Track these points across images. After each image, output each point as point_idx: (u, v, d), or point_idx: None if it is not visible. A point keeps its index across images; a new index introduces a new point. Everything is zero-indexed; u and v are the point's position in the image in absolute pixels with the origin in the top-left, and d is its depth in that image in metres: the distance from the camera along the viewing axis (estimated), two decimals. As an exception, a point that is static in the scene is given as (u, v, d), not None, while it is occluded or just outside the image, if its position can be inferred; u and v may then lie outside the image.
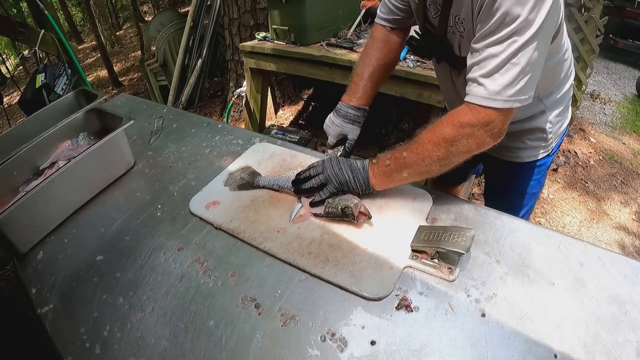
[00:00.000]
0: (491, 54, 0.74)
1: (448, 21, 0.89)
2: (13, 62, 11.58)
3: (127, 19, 13.89)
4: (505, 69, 0.73)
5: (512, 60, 0.72)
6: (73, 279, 0.90)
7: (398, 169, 0.86)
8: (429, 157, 0.82)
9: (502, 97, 0.74)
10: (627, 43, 5.78)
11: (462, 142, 0.79)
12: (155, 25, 4.38)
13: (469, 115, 0.78)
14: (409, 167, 0.85)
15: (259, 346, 0.70)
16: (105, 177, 1.17)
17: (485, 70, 0.75)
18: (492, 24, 0.72)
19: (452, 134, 0.79)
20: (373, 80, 1.09)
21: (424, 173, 0.86)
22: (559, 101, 1.04)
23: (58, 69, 2.51)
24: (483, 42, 0.75)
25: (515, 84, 0.74)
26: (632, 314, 0.67)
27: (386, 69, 1.12)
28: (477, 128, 0.77)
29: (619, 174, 3.04)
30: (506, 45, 0.72)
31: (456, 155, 0.80)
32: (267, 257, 0.87)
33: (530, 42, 0.71)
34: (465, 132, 0.78)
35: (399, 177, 0.88)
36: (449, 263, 0.78)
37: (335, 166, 0.93)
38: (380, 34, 1.13)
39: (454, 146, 0.79)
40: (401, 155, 0.85)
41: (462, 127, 0.78)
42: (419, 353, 0.66)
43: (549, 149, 1.12)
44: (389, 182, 0.91)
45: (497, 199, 1.28)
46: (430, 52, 1.03)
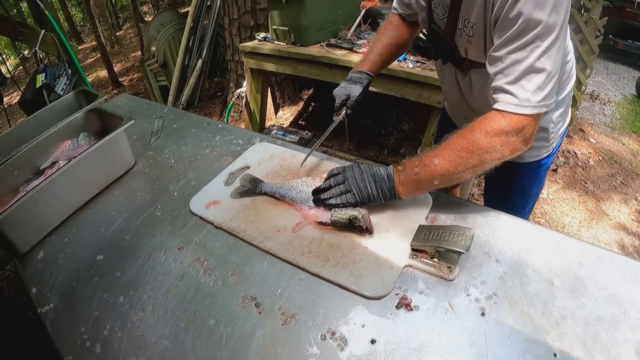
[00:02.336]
0: (515, 60, 0.74)
1: (457, 24, 0.90)
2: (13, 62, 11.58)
3: (127, 19, 13.91)
4: (531, 75, 0.74)
5: (537, 65, 0.73)
6: (73, 279, 0.90)
7: (428, 177, 0.82)
8: (463, 165, 0.79)
9: (532, 103, 0.75)
10: (626, 44, 5.78)
11: (497, 149, 0.77)
12: (155, 26, 4.39)
13: (502, 123, 0.77)
14: (440, 175, 0.81)
15: (259, 345, 0.70)
16: (106, 177, 1.17)
17: (512, 78, 0.75)
18: (514, 30, 0.73)
19: (487, 142, 0.77)
20: (381, 54, 1.17)
21: (455, 180, 0.83)
22: (561, 102, 1.04)
23: (58, 69, 2.51)
24: (505, 49, 0.75)
25: (543, 89, 0.74)
26: (631, 313, 0.68)
27: (396, 48, 1.19)
28: (511, 135, 0.77)
29: (618, 174, 3.05)
30: (529, 51, 0.72)
31: (489, 162, 0.79)
32: (267, 256, 0.87)
33: (552, 46, 0.72)
34: (500, 140, 0.77)
35: (429, 185, 0.84)
36: (449, 262, 0.78)
37: (357, 177, 0.88)
38: (394, 19, 1.20)
39: (489, 154, 0.77)
40: (432, 163, 0.81)
41: (497, 134, 0.76)
42: (419, 352, 0.66)
43: (550, 149, 1.12)
44: (417, 190, 0.87)
45: (497, 199, 1.28)
46: (437, 53, 1.04)
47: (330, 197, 0.90)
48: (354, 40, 2.44)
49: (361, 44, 2.36)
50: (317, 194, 0.93)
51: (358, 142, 3.17)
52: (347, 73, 2.22)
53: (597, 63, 5.49)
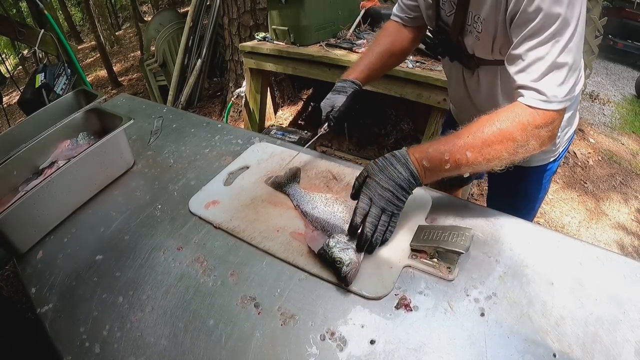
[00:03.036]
0: (537, 58, 0.74)
1: (465, 19, 0.89)
2: (12, 61, 11.58)
3: (126, 19, 13.90)
4: (554, 71, 0.74)
5: (559, 60, 0.73)
6: (73, 279, 0.90)
7: (459, 169, 0.80)
8: (497, 158, 0.78)
9: (559, 98, 0.75)
10: (626, 44, 5.80)
11: (530, 143, 0.77)
12: (154, 26, 4.38)
13: (535, 117, 0.76)
14: (471, 167, 0.79)
15: (258, 345, 0.70)
16: (105, 177, 1.17)
17: (536, 75, 0.75)
18: (533, 26, 0.73)
19: (523, 136, 0.76)
20: (371, 62, 1.13)
21: (484, 170, 0.83)
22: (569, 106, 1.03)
23: (57, 68, 2.51)
24: (525, 46, 0.75)
25: (566, 83, 0.75)
26: (630, 313, 0.68)
27: (390, 55, 1.16)
28: (542, 129, 0.77)
29: (617, 174, 3.05)
30: (550, 46, 0.72)
31: (520, 155, 0.78)
32: (266, 257, 0.87)
33: (572, 39, 0.72)
34: (533, 134, 0.77)
35: (455, 174, 0.82)
36: (448, 262, 0.78)
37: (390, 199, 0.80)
38: (391, 26, 1.18)
39: (523, 147, 0.77)
40: (464, 157, 0.78)
41: (532, 128, 0.76)
42: (418, 352, 0.66)
43: (556, 154, 1.11)
44: (437, 179, 0.84)
45: (501, 202, 1.23)
46: (444, 50, 1.04)
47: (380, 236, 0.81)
48: (354, 40, 2.44)
49: (360, 43, 2.36)
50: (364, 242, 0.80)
51: (358, 142, 3.17)
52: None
53: (597, 63, 5.48)
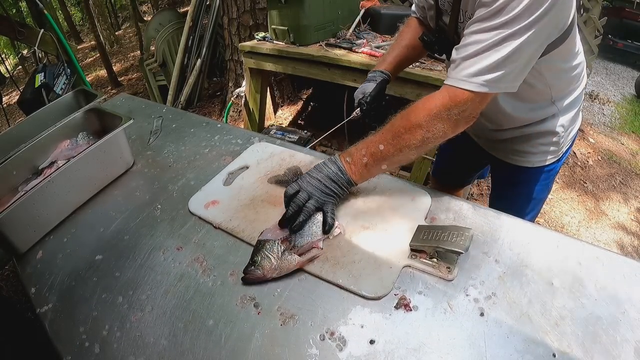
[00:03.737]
0: (476, 40, 0.75)
1: (459, 17, 0.90)
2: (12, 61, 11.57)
3: (126, 19, 13.88)
4: (486, 55, 0.74)
5: (496, 47, 0.73)
6: (72, 279, 0.90)
7: (376, 162, 0.86)
8: (407, 147, 0.82)
9: (479, 80, 0.75)
10: (626, 44, 5.79)
11: (437, 126, 0.79)
12: (154, 25, 4.38)
13: (445, 98, 0.78)
14: (387, 159, 0.85)
15: (258, 345, 0.70)
16: (105, 177, 1.17)
17: (466, 53, 0.76)
18: (486, 12, 0.73)
19: (427, 120, 0.79)
20: (398, 55, 1.19)
21: (403, 161, 0.87)
22: (571, 105, 1.04)
23: (57, 68, 2.51)
24: (472, 28, 0.76)
25: (495, 71, 0.74)
26: (630, 313, 0.68)
27: (414, 48, 1.19)
28: (452, 111, 0.78)
29: (617, 174, 3.05)
30: (493, 34, 0.72)
31: (432, 140, 0.81)
32: (266, 257, 0.87)
33: (518, 35, 0.71)
34: (440, 116, 0.78)
35: (378, 169, 0.88)
36: (448, 262, 0.78)
37: (316, 185, 0.87)
38: (413, 22, 1.22)
39: (430, 132, 0.80)
40: (378, 150, 0.84)
41: (439, 111, 0.78)
42: (418, 352, 0.66)
43: (559, 154, 1.10)
44: (368, 176, 0.91)
45: (502, 203, 1.25)
46: (440, 48, 1.05)
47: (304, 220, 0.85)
48: (353, 40, 2.44)
49: (360, 43, 2.36)
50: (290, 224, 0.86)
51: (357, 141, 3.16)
52: (346, 73, 2.23)
53: (597, 63, 5.48)
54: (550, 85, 0.96)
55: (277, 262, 0.79)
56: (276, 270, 0.79)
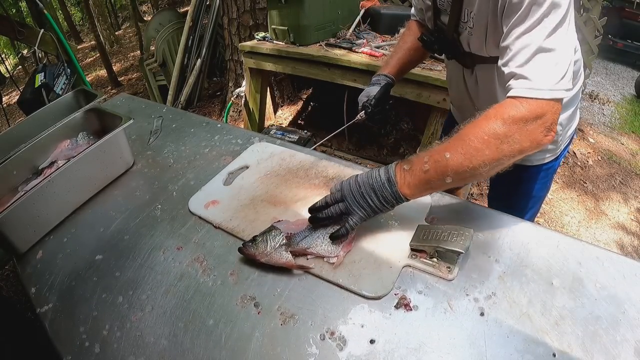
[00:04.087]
0: (523, 45, 0.71)
1: (461, 16, 0.90)
2: (12, 61, 11.57)
3: (126, 19, 13.88)
4: (540, 55, 0.70)
5: (545, 45, 0.69)
6: (72, 279, 0.90)
7: (440, 174, 0.73)
8: (478, 157, 0.70)
9: (549, 86, 0.69)
10: (626, 44, 5.79)
11: (515, 139, 0.69)
12: (154, 25, 4.38)
13: (520, 109, 0.69)
14: (453, 171, 0.72)
15: (258, 345, 0.70)
16: (105, 177, 1.17)
17: (521, 61, 0.71)
18: (520, 14, 0.70)
19: (503, 130, 0.69)
20: (401, 58, 1.21)
21: (470, 177, 0.74)
22: (569, 103, 1.03)
23: (57, 68, 2.51)
24: (512, 36, 0.73)
25: (556, 70, 0.70)
26: (630, 313, 0.68)
27: (416, 50, 1.21)
28: (530, 123, 0.69)
29: (617, 174, 3.05)
30: (536, 33, 0.69)
31: (508, 155, 0.70)
32: (266, 257, 0.87)
33: (559, 26, 0.69)
34: (518, 128, 0.69)
35: (440, 183, 0.75)
36: (448, 262, 0.78)
37: (355, 192, 0.79)
38: (413, 25, 1.25)
39: (507, 144, 0.69)
40: (443, 157, 0.72)
41: (516, 122, 0.69)
42: (418, 352, 0.66)
43: (557, 152, 1.10)
44: (426, 190, 0.78)
45: (502, 201, 1.26)
46: (440, 47, 1.04)
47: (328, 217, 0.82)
48: (353, 40, 2.44)
49: (360, 43, 2.36)
50: (314, 212, 0.84)
51: (357, 141, 3.17)
52: (346, 73, 2.23)
53: (597, 63, 5.48)
54: None
55: (270, 251, 0.81)
56: (266, 257, 0.81)
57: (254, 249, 0.82)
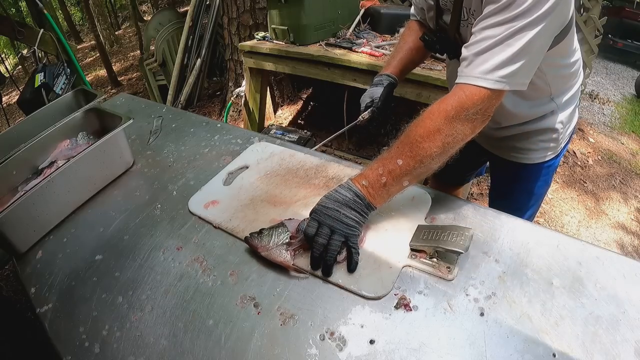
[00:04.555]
0: (487, 36, 0.73)
1: (461, 15, 0.90)
2: (12, 61, 11.57)
3: (126, 19, 13.88)
4: (498, 50, 0.72)
5: (507, 42, 0.71)
6: (72, 279, 0.90)
7: (396, 180, 0.79)
8: (428, 156, 0.76)
9: (493, 77, 0.73)
10: (626, 43, 5.79)
11: (457, 129, 0.75)
12: (154, 25, 4.38)
13: (462, 98, 0.75)
14: (408, 174, 0.78)
15: (258, 345, 0.70)
16: (105, 177, 1.17)
17: (478, 49, 0.74)
18: (496, 7, 0.72)
19: (445, 124, 0.75)
20: (402, 58, 1.20)
21: (425, 173, 0.80)
22: (569, 101, 1.05)
23: (57, 68, 2.51)
24: (482, 24, 0.75)
25: (508, 66, 0.72)
26: (630, 313, 0.68)
27: (417, 50, 1.20)
28: (469, 110, 0.75)
29: (617, 173, 3.05)
30: (504, 29, 0.71)
31: (453, 145, 0.76)
32: (266, 257, 0.87)
33: (529, 28, 0.70)
34: (459, 117, 0.75)
35: (399, 187, 0.81)
36: (448, 262, 0.78)
37: (334, 216, 0.78)
38: (413, 24, 1.23)
39: (450, 136, 0.75)
40: (396, 166, 0.77)
41: (456, 112, 0.75)
42: (418, 352, 0.66)
43: (558, 150, 1.11)
44: (389, 196, 0.82)
45: (503, 200, 1.27)
46: (442, 47, 1.05)
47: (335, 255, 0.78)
48: (353, 39, 2.44)
49: (360, 43, 2.36)
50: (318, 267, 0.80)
51: (357, 141, 3.17)
52: (346, 72, 2.23)
53: (597, 63, 5.49)
54: (549, 82, 0.96)
55: (271, 246, 0.83)
56: (266, 251, 0.83)
57: (258, 241, 0.84)
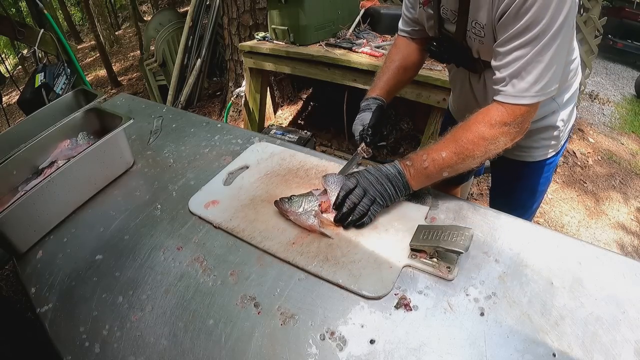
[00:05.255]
0: (517, 57, 0.79)
1: (467, 25, 0.92)
2: (12, 61, 11.57)
3: (126, 19, 13.88)
4: (530, 68, 0.79)
5: (537, 59, 0.78)
6: (72, 278, 0.90)
7: (437, 170, 0.87)
8: (470, 157, 0.84)
9: (530, 93, 0.80)
10: (626, 44, 5.79)
11: (499, 139, 0.83)
12: (154, 25, 4.38)
13: (503, 114, 0.83)
14: (449, 167, 0.86)
15: (258, 345, 0.70)
16: (105, 177, 1.17)
17: (512, 70, 0.80)
18: (518, 28, 0.77)
19: (490, 133, 0.83)
20: (389, 79, 1.16)
21: (462, 170, 0.88)
22: (569, 100, 1.07)
23: (57, 68, 2.51)
24: (508, 45, 0.80)
25: (541, 80, 0.79)
26: (630, 313, 0.68)
27: (404, 70, 1.18)
28: (511, 125, 0.83)
29: (617, 174, 3.05)
30: (530, 48, 0.77)
31: (493, 151, 0.85)
32: (266, 256, 0.87)
33: (553, 41, 0.76)
34: (502, 130, 0.83)
35: (438, 176, 0.88)
36: (448, 262, 0.78)
37: (374, 183, 0.88)
38: (400, 41, 1.20)
39: (493, 144, 0.83)
40: (440, 157, 0.86)
41: (500, 125, 0.82)
42: (418, 352, 0.66)
43: (558, 147, 1.14)
44: (427, 182, 0.91)
45: (505, 197, 1.29)
46: (450, 57, 1.06)
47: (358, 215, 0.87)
48: (353, 39, 2.44)
49: (360, 43, 2.36)
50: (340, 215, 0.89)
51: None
52: (346, 73, 2.22)
53: (597, 63, 5.49)
54: None
55: (300, 211, 0.90)
56: (295, 216, 0.90)
57: (288, 206, 0.91)
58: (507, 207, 0.95)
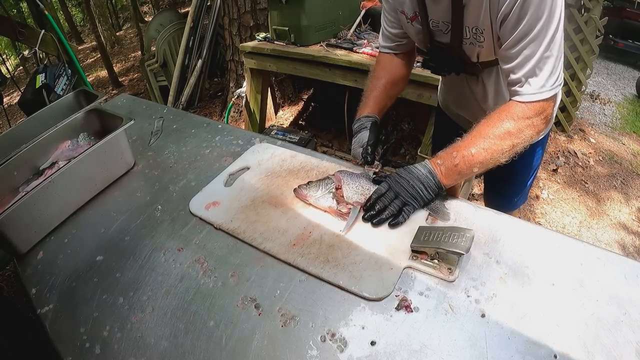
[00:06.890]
0: (528, 55, 0.82)
1: (463, 34, 0.93)
2: (13, 62, 11.58)
3: (127, 20, 13.91)
4: (542, 63, 0.82)
5: (546, 54, 0.81)
6: (73, 279, 0.90)
7: (468, 166, 0.88)
8: (499, 152, 0.86)
9: (547, 87, 0.84)
10: (626, 44, 5.78)
11: (525, 132, 0.86)
12: (155, 26, 4.39)
13: (525, 110, 0.85)
14: (479, 163, 0.88)
15: (258, 346, 0.70)
16: (106, 178, 1.17)
17: (527, 70, 0.83)
18: (522, 28, 0.80)
19: (515, 127, 0.85)
20: (377, 97, 1.15)
21: (492, 165, 0.89)
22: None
23: (58, 69, 2.51)
24: (517, 47, 0.83)
25: (555, 72, 0.83)
26: (632, 314, 0.67)
27: (392, 85, 1.18)
28: (535, 119, 0.86)
29: (618, 174, 3.05)
30: (538, 43, 0.80)
31: (520, 145, 0.87)
32: (267, 258, 0.87)
33: (556, 32, 0.80)
34: (526, 124, 0.86)
35: (469, 172, 0.90)
36: (449, 263, 0.78)
37: (406, 186, 0.90)
38: (383, 58, 1.20)
39: (519, 137, 0.86)
40: (469, 153, 0.87)
41: (523, 119, 0.85)
42: (419, 353, 0.66)
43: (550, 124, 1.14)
44: (459, 179, 0.92)
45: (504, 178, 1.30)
46: (449, 67, 1.07)
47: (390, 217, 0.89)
48: (354, 40, 2.44)
49: (361, 43, 2.36)
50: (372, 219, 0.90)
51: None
52: (347, 73, 2.21)
53: (597, 63, 5.48)
54: None
55: (319, 194, 0.96)
56: (314, 199, 0.96)
57: (307, 191, 0.96)
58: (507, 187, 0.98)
